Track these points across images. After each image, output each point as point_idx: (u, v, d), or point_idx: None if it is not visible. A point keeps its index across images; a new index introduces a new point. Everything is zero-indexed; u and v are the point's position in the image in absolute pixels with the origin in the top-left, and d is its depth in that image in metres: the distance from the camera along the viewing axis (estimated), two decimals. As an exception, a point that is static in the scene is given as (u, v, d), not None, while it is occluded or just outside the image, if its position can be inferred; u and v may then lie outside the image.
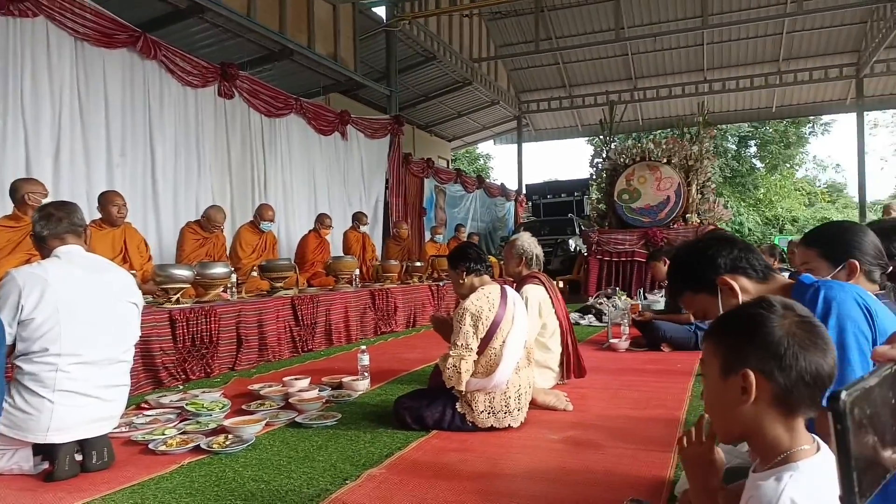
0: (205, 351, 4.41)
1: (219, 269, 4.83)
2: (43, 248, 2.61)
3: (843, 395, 0.49)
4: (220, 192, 7.30)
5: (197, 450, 2.71)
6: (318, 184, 9.08)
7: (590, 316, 7.61)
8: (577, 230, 13.71)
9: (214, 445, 2.73)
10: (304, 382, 3.82)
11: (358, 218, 8.41)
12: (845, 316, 1.33)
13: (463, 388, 2.88)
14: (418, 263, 7.89)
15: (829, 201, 32.27)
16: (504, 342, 2.94)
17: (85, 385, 2.46)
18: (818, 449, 1.00)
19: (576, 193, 16.60)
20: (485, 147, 32.18)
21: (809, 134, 30.62)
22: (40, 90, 5.39)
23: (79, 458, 2.48)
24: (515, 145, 19.03)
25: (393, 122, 10.70)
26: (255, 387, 3.81)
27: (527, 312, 3.35)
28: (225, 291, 4.97)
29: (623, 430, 2.98)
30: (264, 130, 8.05)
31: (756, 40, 15.33)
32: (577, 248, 12.81)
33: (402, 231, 9.06)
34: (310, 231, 7.59)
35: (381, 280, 7.26)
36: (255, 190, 7.87)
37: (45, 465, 2.46)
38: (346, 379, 3.95)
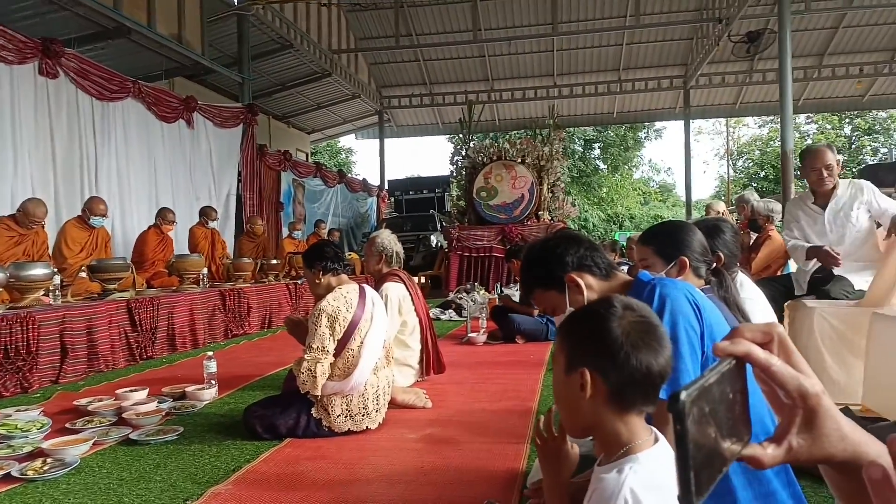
0: (21, 363, 3.87)
1: (37, 271, 4.26)
2: None
3: (683, 395, 0.49)
4: (42, 184, 6.43)
5: (7, 478, 2.35)
6: (159, 175, 8.33)
7: (450, 311, 7.76)
8: (439, 226, 13.95)
9: (29, 472, 2.38)
10: (141, 394, 3.47)
11: (206, 213, 7.86)
12: (677, 312, 1.42)
13: (318, 392, 2.77)
14: (274, 261, 7.55)
15: (660, 200, 35.75)
16: (362, 342, 2.86)
17: None
18: (656, 440, 1.04)
19: (437, 190, 16.89)
20: (347, 141, 31.82)
21: (645, 139, 33.69)
22: None
23: None
24: (377, 140, 18.92)
25: (246, 111, 10.12)
26: (83, 401, 3.40)
27: (387, 311, 3.30)
28: (46, 295, 4.40)
29: (480, 424, 3.03)
30: (96, 115, 7.21)
31: (600, 49, 16.48)
32: (439, 244, 13.03)
33: (257, 227, 8.62)
34: (150, 227, 6.94)
35: (233, 279, 6.85)
36: (84, 181, 7.02)
37: None
38: (190, 388, 3.64)
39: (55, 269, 4.55)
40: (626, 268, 7.12)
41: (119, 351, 4.72)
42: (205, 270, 6.32)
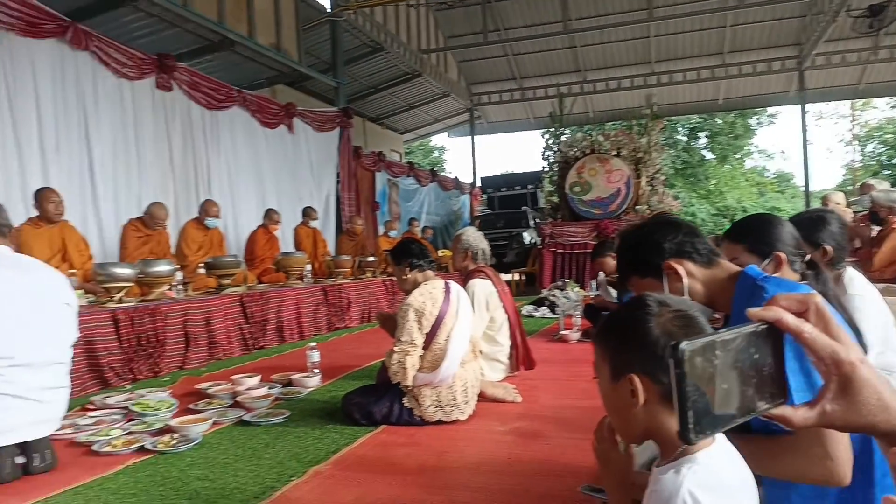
0: (152, 350, 4.32)
1: (162, 267, 4.72)
2: (-32, 250, 2.51)
3: (683, 345, 0.56)
4: (162, 188, 7.05)
5: (142, 450, 2.68)
6: (265, 178, 8.89)
7: (543, 308, 7.71)
8: (532, 223, 13.88)
9: (160, 445, 2.69)
10: (254, 380, 3.79)
11: (308, 213, 8.32)
12: None
13: (409, 383, 2.91)
14: (371, 258, 7.87)
15: (777, 191, 33.33)
16: (449, 337, 2.97)
17: (20, 387, 2.40)
18: (714, 439, 1.01)
19: (530, 186, 16.80)
20: (439, 139, 32.26)
21: (757, 125, 31.63)
22: (-36, 84, 5.10)
23: (21, 460, 2.42)
24: (469, 137, 19.08)
25: (341, 115, 10.56)
26: (203, 386, 3.76)
27: (473, 307, 3.38)
28: (171, 290, 4.86)
29: (570, 420, 3.04)
30: (206, 124, 7.80)
31: (701, 33, 15.74)
32: (532, 241, 12.98)
33: (357, 227, 9.00)
34: (258, 227, 7.46)
35: (334, 276, 7.21)
36: (198, 185, 7.63)
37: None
38: (295, 376, 3.93)
39: (177, 266, 5.02)
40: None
41: (234, 341, 5.15)
42: (308, 267, 6.69)
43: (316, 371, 3.96)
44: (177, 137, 7.35)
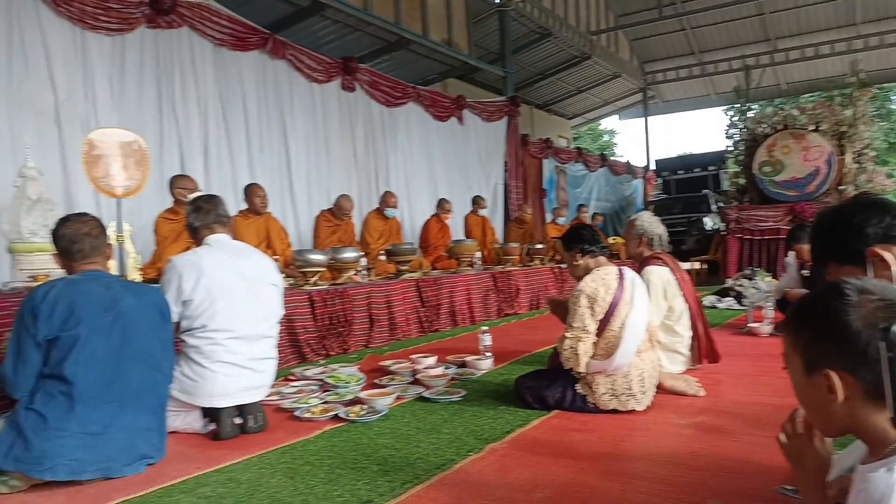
0: (341, 329, 4.74)
1: (349, 254, 5.14)
2: (196, 237, 2.96)
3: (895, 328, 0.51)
4: (347, 182, 7.67)
5: (336, 418, 2.96)
6: (437, 169, 9.27)
7: (728, 299, 7.17)
8: (714, 207, 12.95)
9: (351, 415, 2.95)
10: (431, 360, 4.01)
11: (477, 202, 8.53)
12: None
13: (582, 369, 2.87)
14: (539, 246, 7.87)
15: None
16: (623, 324, 2.88)
17: (239, 357, 2.78)
18: None
19: (711, 168, 15.71)
20: (609, 123, 31.16)
21: None
22: (188, 94, 5.94)
23: (238, 421, 2.80)
24: (642, 119, 18.20)
25: (509, 104, 10.64)
26: (387, 363, 4.06)
27: (649, 294, 3.25)
28: (356, 274, 5.28)
29: (760, 418, 2.81)
30: (385, 120, 8.33)
31: (924, -17, 13.46)
32: (715, 227, 12.10)
33: (527, 215, 9.05)
34: (432, 216, 7.81)
35: (503, 263, 7.33)
36: (378, 178, 8.19)
37: (213, 426, 2.79)
38: (469, 358, 4.07)
39: (362, 253, 5.45)
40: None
41: (412, 323, 5.48)
42: (478, 254, 6.88)
43: (488, 354, 4.08)
44: (359, 134, 7.94)
